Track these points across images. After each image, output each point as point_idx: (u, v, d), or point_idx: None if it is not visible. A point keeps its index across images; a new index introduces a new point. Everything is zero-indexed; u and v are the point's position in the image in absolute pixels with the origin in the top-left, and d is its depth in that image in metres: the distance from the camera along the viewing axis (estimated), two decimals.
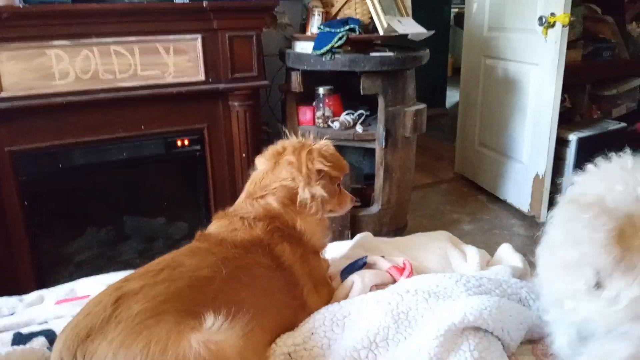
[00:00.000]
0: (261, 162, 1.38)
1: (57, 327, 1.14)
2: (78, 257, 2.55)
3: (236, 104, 2.61)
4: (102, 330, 0.91)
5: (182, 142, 2.61)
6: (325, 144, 1.41)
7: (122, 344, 0.89)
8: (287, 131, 1.50)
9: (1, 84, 2.12)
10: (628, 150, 1.11)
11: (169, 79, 2.44)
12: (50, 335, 1.12)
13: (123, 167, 2.49)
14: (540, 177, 3.23)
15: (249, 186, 1.36)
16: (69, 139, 2.32)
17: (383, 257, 1.41)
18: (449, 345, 1.01)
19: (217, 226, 1.28)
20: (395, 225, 2.96)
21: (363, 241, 1.59)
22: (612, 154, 1.17)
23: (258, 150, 2.69)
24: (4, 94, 2.13)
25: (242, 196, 1.35)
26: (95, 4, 2.23)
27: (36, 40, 2.15)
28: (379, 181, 2.84)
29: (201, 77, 2.50)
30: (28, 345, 1.07)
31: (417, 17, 2.94)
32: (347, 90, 2.95)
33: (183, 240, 2.80)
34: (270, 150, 1.39)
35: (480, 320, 1.04)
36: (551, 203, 3.30)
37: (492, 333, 1.07)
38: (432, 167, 4.24)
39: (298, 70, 2.75)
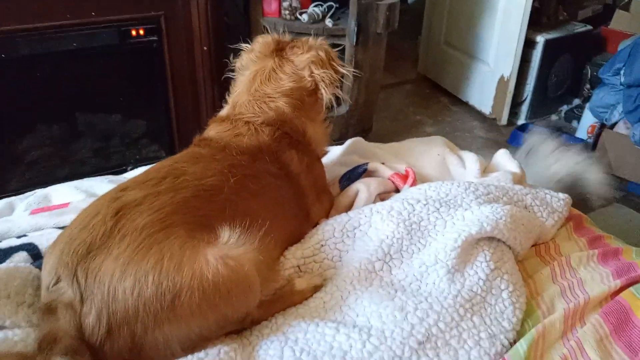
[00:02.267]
0: (252, 58, 1.23)
1: (39, 240, 1.02)
2: (29, 157, 2.35)
3: None
4: (104, 245, 0.81)
5: (137, 32, 2.37)
6: (326, 43, 1.28)
7: (131, 260, 0.80)
8: (267, 27, 1.36)
9: None
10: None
11: None
12: (32, 250, 1.00)
13: (73, 58, 2.25)
14: (505, 79, 3.21)
15: (249, 85, 1.20)
16: (10, 25, 2.04)
17: (383, 163, 1.36)
18: (465, 257, 0.99)
19: (217, 130, 1.15)
20: (361, 127, 2.90)
21: (356, 147, 1.52)
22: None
23: (220, 43, 2.52)
24: None
25: (243, 96, 1.20)
26: None
27: None
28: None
29: None
30: (9, 262, 0.96)
31: None
32: None
33: (141, 139, 2.65)
34: (260, 45, 1.24)
35: (496, 230, 1.02)
36: (513, 106, 3.32)
37: (504, 243, 1.06)
38: (394, 66, 4.12)
39: None
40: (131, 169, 2.55)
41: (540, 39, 3.18)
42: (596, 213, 2.48)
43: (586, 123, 3.11)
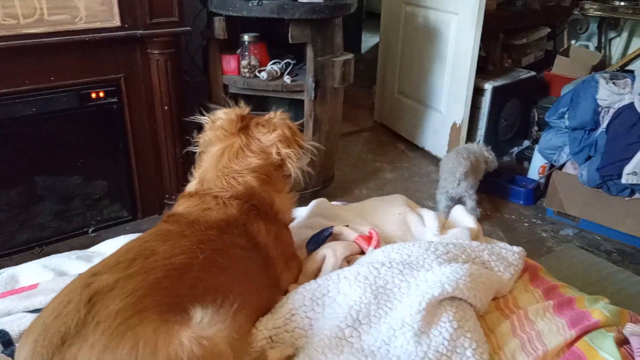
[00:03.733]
0: (217, 135, 1.27)
1: (9, 326, 1.01)
2: None
3: (156, 52, 2.42)
4: (79, 334, 0.82)
5: (97, 94, 2.40)
6: (287, 118, 1.35)
7: (106, 348, 0.80)
8: (228, 101, 1.43)
9: None
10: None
11: (80, 25, 2.20)
12: (3, 337, 0.98)
13: (32, 122, 2.25)
14: (457, 125, 3.35)
15: (216, 161, 1.24)
16: None
17: (347, 226, 1.40)
18: (430, 318, 1.04)
19: (186, 205, 1.18)
20: (323, 177, 2.97)
21: (321, 208, 1.56)
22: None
23: (181, 102, 2.56)
24: None
25: (211, 172, 1.23)
26: None
27: None
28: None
29: (116, 22, 2.28)
30: None
31: None
32: (272, 39, 2.83)
33: (103, 200, 2.63)
34: (225, 122, 1.28)
35: (457, 290, 1.07)
36: None
37: (465, 301, 1.11)
38: (351, 115, 4.25)
39: (221, 15, 2.57)
40: (92, 231, 2.54)
41: (488, 86, 3.35)
42: (551, 255, 2.59)
43: (537, 164, 3.26)
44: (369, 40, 5.90)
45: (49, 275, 1.27)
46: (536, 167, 3.26)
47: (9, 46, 2.04)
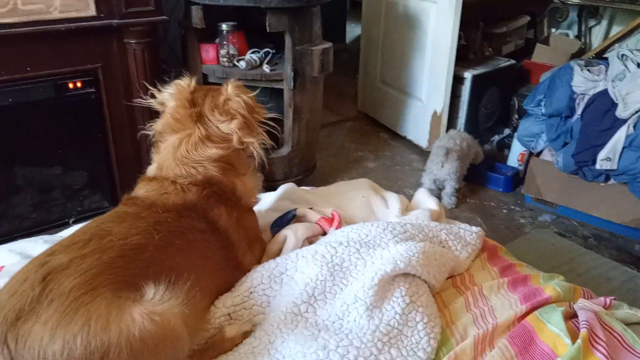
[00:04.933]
0: (170, 124, 1.25)
1: None
2: None
3: (132, 41, 2.42)
4: (33, 310, 0.85)
5: (74, 85, 2.40)
6: (242, 89, 1.32)
7: (59, 324, 0.83)
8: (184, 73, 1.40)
9: None
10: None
11: (55, 14, 2.20)
12: None
13: (9, 113, 2.25)
14: (438, 114, 3.38)
15: (174, 150, 1.23)
16: None
17: (311, 208, 1.43)
18: (382, 293, 1.07)
19: (145, 189, 1.19)
20: (305, 166, 2.99)
21: (288, 193, 1.59)
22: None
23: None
24: None
25: (169, 160, 1.23)
26: None
27: None
28: (288, 122, 2.82)
29: (92, 11, 2.28)
30: None
31: None
32: (251, 27, 2.84)
33: (83, 190, 2.64)
34: (176, 109, 1.25)
35: (409, 267, 1.10)
36: None
37: (419, 277, 1.14)
38: (335, 104, 4.27)
39: (198, 4, 2.58)
40: (73, 222, 2.55)
41: (468, 75, 3.38)
42: (522, 239, 2.64)
43: (516, 151, 3.30)
44: (353, 30, 5.90)
45: (16, 258, 1.29)
46: (515, 155, 3.30)
47: None
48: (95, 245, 0.97)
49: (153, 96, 1.32)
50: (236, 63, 2.73)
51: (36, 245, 1.36)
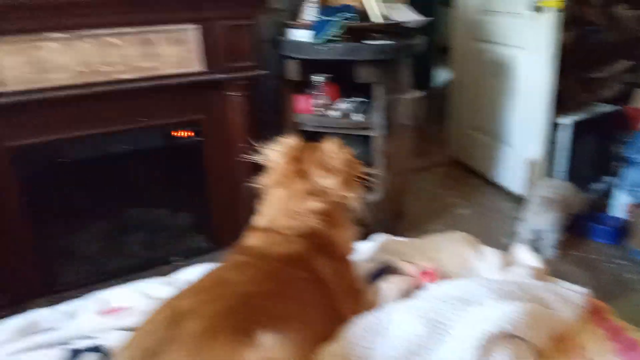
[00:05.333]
0: (278, 179, 1.35)
1: (107, 342, 1.16)
2: (82, 251, 2.54)
3: (234, 93, 2.59)
4: (164, 350, 0.94)
5: (181, 133, 2.60)
6: (341, 146, 1.40)
7: None
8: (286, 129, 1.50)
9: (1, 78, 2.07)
10: None
11: (167, 70, 2.41)
12: (102, 351, 1.14)
13: (122, 159, 2.48)
14: (534, 161, 3.28)
15: (281, 203, 1.33)
16: (68, 132, 2.30)
17: (407, 261, 1.44)
18: (485, 354, 1.04)
19: (255, 240, 1.30)
20: (394, 212, 3.00)
21: (383, 243, 1.61)
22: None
23: (256, 139, 2.70)
24: (3, 89, 2.09)
25: (276, 212, 1.32)
26: None
27: (33, 33, 2.10)
28: (378, 169, 2.85)
29: (198, 67, 2.48)
30: None
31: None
32: (342, 77, 2.94)
33: (187, 231, 2.80)
34: (283, 169, 1.35)
35: (515, 328, 1.07)
36: None
37: (523, 339, 1.10)
38: (424, 150, 4.25)
39: (295, 58, 2.72)
40: (175, 261, 2.71)
41: (566, 121, 3.27)
42: (629, 297, 2.46)
43: (619, 201, 3.11)
44: (440, 75, 5.91)
45: (138, 298, 1.41)
46: (618, 204, 3.11)
47: (104, 91, 2.27)
48: (217, 292, 1.07)
49: (258, 151, 1.42)
50: (328, 112, 2.82)
51: (155, 287, 1.49)
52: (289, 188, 1.33)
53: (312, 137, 1.65)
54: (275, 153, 1.38)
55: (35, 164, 2.27)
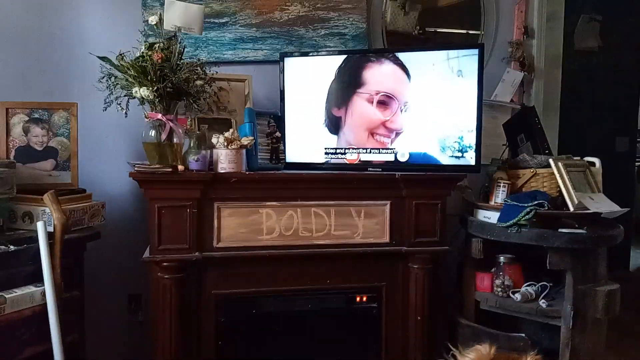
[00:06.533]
0: None
1: None
2: None
3: (416, 266, 2.67)
4: None
5: (361, 299, 2.74)
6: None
7: None
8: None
9: (220, 236, 2.45)
10: None
11: (357, 239, 2.62)
12: None
13: (307, 317, 2.65)
14: None
15: None
16: (264, 287, 2.57)
17: None
18: None
19: None
20: None
21: None
22: None
23: (433, 314, 2.71)
24: (220, 244, 2.46)
25: None
26: (304, 173, 2.56)
27: (253, 201, 2.48)
28: None
29: (386, 239, 2.64)
30: None
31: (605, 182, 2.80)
32: (528, 259, 2.87)
33: None
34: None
35: None
36: None
37: None
38: (617, 343, 3.80)
39: (479, 237, 2.76)
40: None
41: None
42: None
43: None
44: (638, 257, 5.39)
45: None
46: None
47: (303, 253, 2.54)
48: None
49: (454, 357, 1.45)
50: (510, 294, 2.74)
51: None
52: None
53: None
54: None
55: (233, 312, 2.53)
